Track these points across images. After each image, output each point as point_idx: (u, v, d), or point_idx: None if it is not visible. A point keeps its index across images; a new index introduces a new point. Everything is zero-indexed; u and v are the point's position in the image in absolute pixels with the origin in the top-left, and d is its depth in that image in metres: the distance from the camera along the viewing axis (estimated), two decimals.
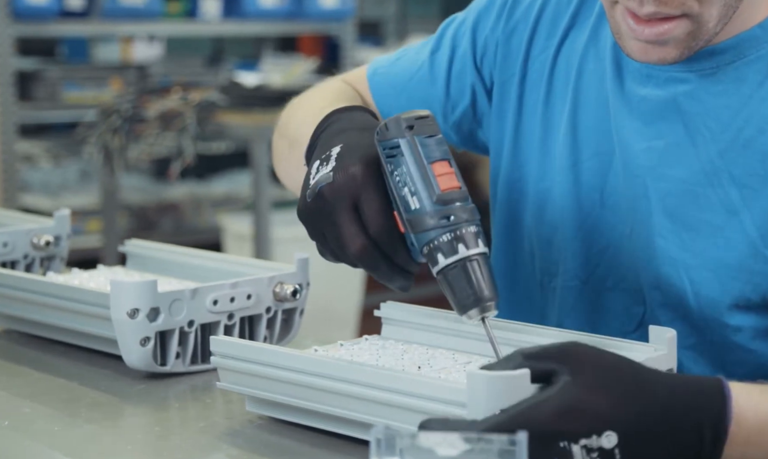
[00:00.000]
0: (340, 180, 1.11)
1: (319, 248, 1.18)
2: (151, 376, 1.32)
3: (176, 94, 4.09)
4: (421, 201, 1.08)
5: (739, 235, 1.23)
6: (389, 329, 1.31)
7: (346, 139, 1.16)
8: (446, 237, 1.07)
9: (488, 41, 1.44)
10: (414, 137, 1.09)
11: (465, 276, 1.07)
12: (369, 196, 1.10)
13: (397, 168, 1.09)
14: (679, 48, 1.19)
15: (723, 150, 1.24)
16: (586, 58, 1.36)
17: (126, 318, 1.28)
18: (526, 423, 0.91)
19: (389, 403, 1.05)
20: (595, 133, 1.33)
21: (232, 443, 1.15)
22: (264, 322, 1.38)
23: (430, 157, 1.09)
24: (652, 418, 0.93)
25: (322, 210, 1.13)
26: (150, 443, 1.16)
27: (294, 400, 1.13)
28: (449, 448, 0.86)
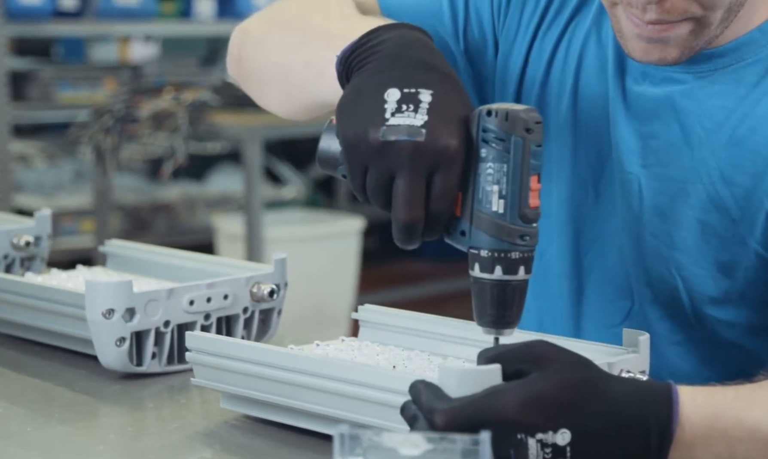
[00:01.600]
0: (432, 145, 1.01)
1: (346, 173, 1.07)
2: (127, 376, 1.32)
3: (168, 94, 4.09)
4: (506, 208, 1.01)
5: (731, 234, 1.23)
6: (366, 332, 1.32)
7: (439, 87, 1.04)
8: (516, 255, 1.02)
9: (501, 4, 1.38)
10: (528, 142, 1.01)
11: (496, 296, 1.03)
12: (451, 173, 1.02)
13: (496, 162, 1.01)
14: (680, 47, 1.19)
15: (715, 148, 1.24)
16: (587, 46, 1.33)
17: (101, 318, 1.28)
18: (488, 410, 0.92)
19: (361, 398, 1.05)
20: (594, 123, 1.32)
21: (205, 443, 1.15)
22: (241, 322, 1.38)
23: (532, 169, 1.01)
24: (604, 420, 0.94)
25: (393, 159, 1.02)
26: (123, 444, 1.16)
27: (268, 395, 1.13)
28: (412, 448, 0.86)
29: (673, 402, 0.96)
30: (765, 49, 1.24)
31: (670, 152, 1.26)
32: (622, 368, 1.07)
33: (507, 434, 0.92)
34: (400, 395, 1.02)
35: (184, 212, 5.21)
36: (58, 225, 4.91)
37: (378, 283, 4.66)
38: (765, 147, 1.21)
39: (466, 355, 1.20)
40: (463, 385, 0.96)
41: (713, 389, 1.00)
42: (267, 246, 4.07)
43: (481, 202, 1.02)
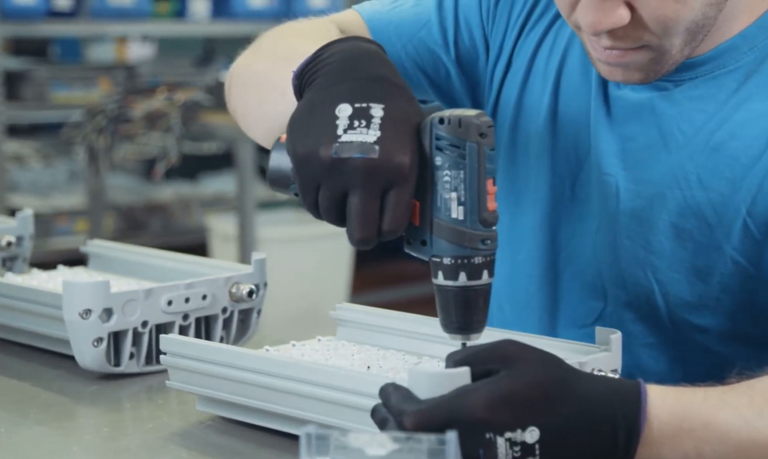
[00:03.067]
0: (386, 163, 1.00)
1: (296, 191, 1.06)
2: (105, 376, 1.32)
3: (162, 94, 4.09)
4: (466, 214, 1.00)
5: (706, 239, 1.23)
6: (343, 331, 1.32)
7: (390, 100, 1.03)
8: (479, 260, 1.01)
9: (491, 3, 1.39)
10: (482, 147, 1.00)
11: (466, 300, 1.02)
12: (405, 189, 1.01)
13: (452, 169, 1.00)
14: (642, 72, 1.20)
15: (693, 153, 1.24)
16: (572, 47, 1.34)
17: (78, 319, 1.28)
18: (456, 410, 0.92)
19: (331, 400, 1.06)
20: (574, 124, 1.32)
21: (179, 444, 1.15)
22: (220, 322, 1.38)
23: (489, 171, 1.01)
24: (572, 418, 0.94)
25: (346, 177, 1.00)
26: (97, 444, 1.16)
27: (242, 398, 1.14)
28: (378, 448, 0.86)
29: (642, 400, 0.97)
30: (746, 56, 1.23)
31: (648, 155, 1.26)
32: (594, 367, 1.07)
33: (475, 434, 0.92)
34: (370, 398, 1.02)
35: (179, 212, 5.21)
36: (53, 225, 4.92)
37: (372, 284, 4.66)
38: (743, 153, 1.21)
39: (442, 354, 1.20)
40: (432, 388, 0.96)
41: (683, 390, 1.00)
42: (260, 246, 4.07)
43: (440, 210, 1.01)
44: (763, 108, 1.21)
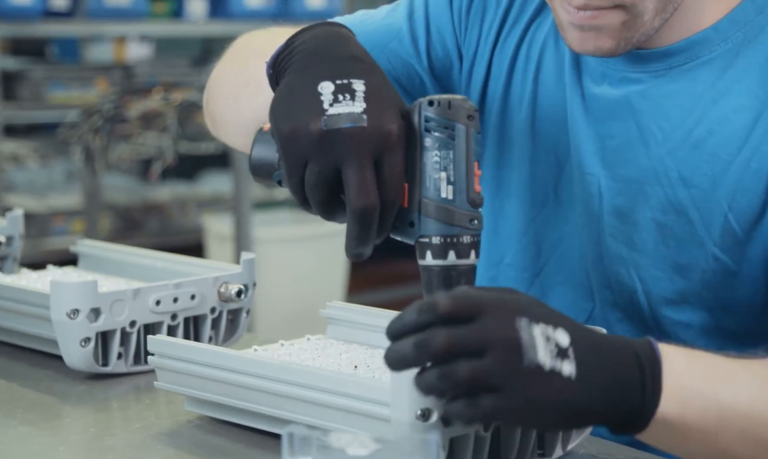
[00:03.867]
0: (375, 130, 1.02)
1: (284, 178, 1.07)
2: (93, 376, 1.32)
3: (158, 94, 4.09)
4: (455, 194, 1.03)
5: (688, 235, 1.23)
6: (333, 329, 1.32)
7: (369, 76, 1.05)
8: (466, 238, 1.04)
9: (462, 12, 1.40)
10: (471, 129, 1.04)
11: (457, 282, 1.05)
12: (396, 157, 1.03)
13: (442, 149, 1.03)
14: (614, 38, 1.20)
15: (673, 149, 1.24)
16: (547, 48, 1.35)
17: (66, 318, 1.28)
18: (492, 296, 0.92)
19: (317, 402, 1.05)
20: (553, 127, 1.32)
21: (167, 443, 1.15)
22: (209, 322, 1.38)
23: (476, 153, 1.05)
24: (596, 342, 0.95)
25: (339, 147, 1.02)
26: (83, 444, 1.16)
27: (229, 399, 1.13)
28: (360, 448, 0.86)
29: (653, 342, 0.98)
30: (719, 48, 1.24)
31: (628, 152, 1.26)
32: None
33: (511, 318, 0.91)
34: (355, 399, 1.02)
35: (176, 212, 5.21)
36: (50, 225, 4.91)
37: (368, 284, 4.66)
38: (723, 149, 1.22)
39: None
40: (414, 392, 0.96)
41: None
42: (257, 246, 4.07)
43: (429, 190, 1.04)
44: (739, 103, 1.22)
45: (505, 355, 0.90)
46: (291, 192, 1.07)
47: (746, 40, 1.24)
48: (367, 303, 1.34)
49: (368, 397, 1.02)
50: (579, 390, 0.93)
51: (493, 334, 0.90)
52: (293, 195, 1.07)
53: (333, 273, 4.39)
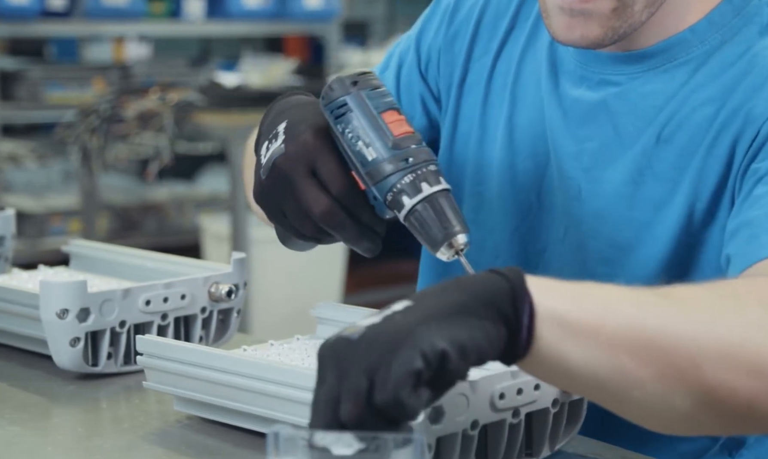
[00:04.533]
0: (293, 148, 1.12)
1: (278, 231, 1.18)
2: (83, 376, 1.32)
3: (155, 94, 4.09)
4: (377, 150, 1.09)
5: (665, 230, 1.24)
6: (323, 329, 1.32)
7: (290, 115, 1.16)
8: (408, 178, 1.08)
9: (431, 49, 1.44)
10: (360, 91, 1.11)
11: (433, 212, 1.08)
12: (324, 158, 1.11)
13: (348, 125, 1.10)
14: (602, 26, 1.20)
15: (646, 147, 1.25)
16: (524, 59, 1.36)
17: (55, 318, 1.28)
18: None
19: (305, 401, 1.04)
20: (531, 134, 1.33)
21: (155, 443, 1.15)
22: (199, 322, 1.38)
23: (379, 107, 1.10)
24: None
25: (279, 183, 1.13)
26: (71, 444, 1.16)
27: (218, 399, 1.13)
28: (344, 447, 0.86)
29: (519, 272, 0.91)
30: (696, 50, 1.25)
31: (606, 154, 1.27)
32: None
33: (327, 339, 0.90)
34: None
35: (174, 212, 5.21)
36: (47, 225, 4.92)
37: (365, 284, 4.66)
38: (690, 141, 1.23)
39: None
40: None
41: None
42: (253, 246, 4.07)
43: (362, 164, 1.10)
44: (707, 95, 1.23)
45: (342, 359, 0.87)
46: (296, 236, 1.17)
47: (723, 41, 1.24)
48: (364, 303, 1.34)
49: None
50: (424, 300, 0.87)
51: (323, 369, 0.87)
52: (299, 237, 1.17)
53: (330, 273, 4.39)
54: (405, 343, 0.85)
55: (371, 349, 0.86)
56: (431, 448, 0.99)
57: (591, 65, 1.29)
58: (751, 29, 1.24)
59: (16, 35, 5.13)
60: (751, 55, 1.22)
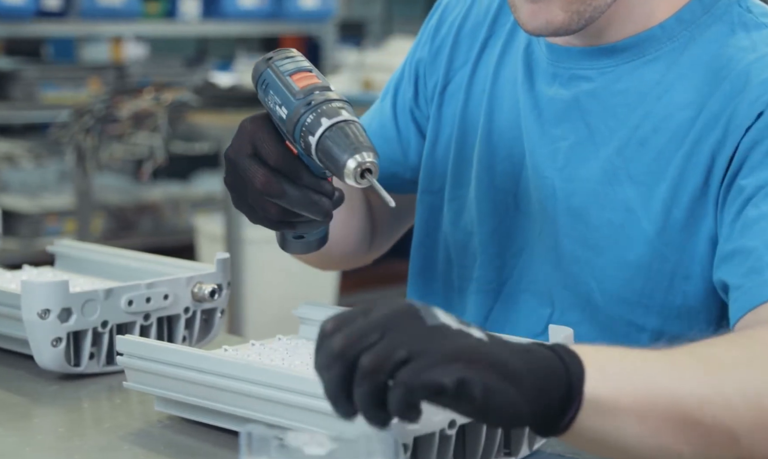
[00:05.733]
0: (236, 137, 1.20)
1: (249, 216, 1.22)
2: (65, 376, 1.32)
3: (149, 94, 4.08)
4: (287, 105, 1.14)
5: (637, 233, 1.24)
6: (306, 329, 1.32)
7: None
8: (310, 117, 1.12)
9: (419, 66, 1.47)
10: (273, 64, 1.18)
11: (333, 142, 1.10)
12: (260, 136, 1.17)
13: (267, 95, 1.17)
14: (565, 10, 1.21)
15: (620, 148, 1.25)
16: (501, 64, 1.38)
17: (37, 318, 1.28)
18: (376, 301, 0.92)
19: (283, 401, 1.05)
20: (507, 137, 1.34)
21: (135, 443, 1.15)
22: (182, 322, 1.38)
23: (288, 71, 1.16)
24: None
25: (230, 172, 1.20)
26: (50, 444, 1.16)
27: (197, 399, 1.13)
28: (317, 447, 0.86)
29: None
30: (665, 46, 1.25)
31: (579, 153, 1.28)
32: None
33: (400, 301, 0.89)
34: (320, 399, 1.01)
35: (169, 213, 5.20)
36: (42, 225, 4.92)
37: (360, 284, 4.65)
38: (666, 146, 1.23)
39: None
40: None
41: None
42: (247, 246, 4.07)
43: (281, 122, 1.15)
44: (682, 100, 1.23)
45: (405, 325, 0.87)
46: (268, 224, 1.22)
47: (692, 39, 1.25)
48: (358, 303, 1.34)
49: None
50: (494, 346, 0.87)
51: (387, 317, 0.87)
52: (270, 225, 1.22)
53: (324, 273, 4.39)
54: (459, 360, 0.85)
55: (434, 339, 0.86)
56: (408, 448, 0.99)
57: (562, 61, 1.29)
58: (720, 27, 1.25)
59: (11, 35, 5.13)
60: (726, 58, 1.22)
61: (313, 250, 1.26)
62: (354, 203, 1.45)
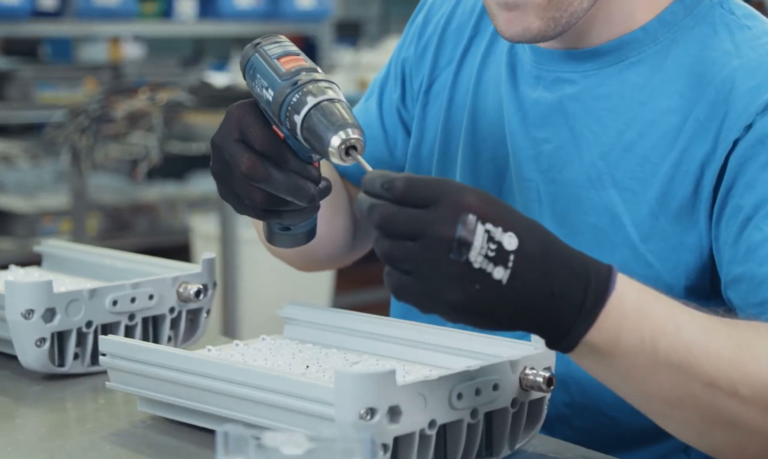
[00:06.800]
0: (222, 124, 1.18)
1: (235, 206, 1.21)
2: (50, 377, 1.32)
3: (144, 94, 4.08)
4: (273, 87, 1.14)
5: (621, 238, 1.23)
6: (291, 329, 1.32)
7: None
8: (295, 97, 1.11)
9: (405, 65, 1.47)
10: (260, 48, 1.17)
11: (318, 120, 1.09)
12: (246, 120, 1.16)
13: (254, 80, 1.16)
14: (541, 18, 1.20)
15: (605, 153, 1.25)
16: (485, 65, 1.37)
17: (20, 319, 1.27)
18: (448, 185, 0.94)
19: (264, 402, 1.05)
20: (491, 138, 1.34)
21: (117, 443, 1.14)
22: (168, 322, 1.38)
23: (275, 55, 1.16)
24: (549, 254, 0.95)
25: (216, 157, 1.18)
26: (32, 444, 1.15)
27: (179, 399, 1.13)
28: (294, 447, 0.85)
29: (614, 270, 0.98)
30: (648, 48, 1.25)
31: (562, 156, 1.27)
32: (527, 365, 1.07)
33: (458, 211, 0.92)
34: (300, 399, 1.02)
35: (165, 213, 5.20)
36: (39, 225, 4.92)
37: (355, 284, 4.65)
38: (652, 152, 1.22)
39: (387, 353, 1.20)
40: (358, 390, 0.96)
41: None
42: (243, 246, 4.06)
43: (267, 105, 1.15)
44: (668, 105, 1.22)
45: (432, 245, 0.92)
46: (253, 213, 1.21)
47: (675, 41, 1.24)
48: (354, 303, 1.35)
49: (313, 397, 1.01)
50: (503, 295, 0.93)
51: (430, 226, 0.92)
52: (257, 215, 1.20)
53: (320, 274, 4.39)
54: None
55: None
56: (388, 448, 0.99)
57: (545, 64, 1.29)
58: (703, 29, 1.24)
59: (7, 35, 5.12)
60: (710, 61, 1.21)
61: (300, 243, 1.25)
62: (339, 201, 1.44)
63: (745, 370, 0.99)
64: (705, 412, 1.00)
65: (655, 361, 0.98)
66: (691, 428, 1.02)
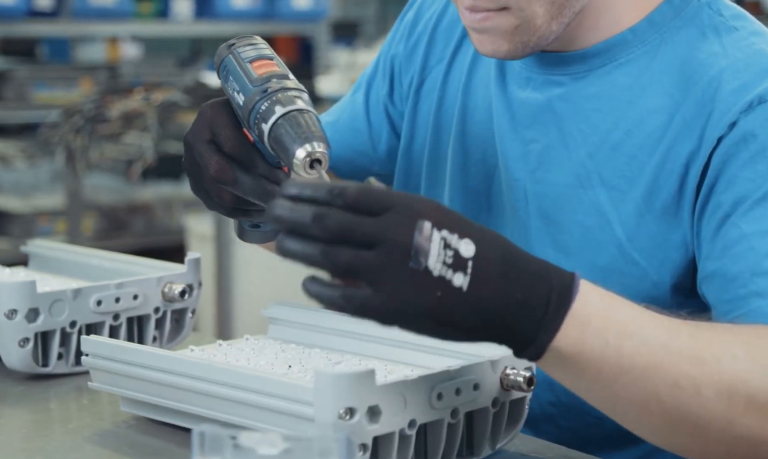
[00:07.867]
0: (195, 122, 1.19)
1: (205, 202, 1.22)
2: (33, 377, 1.32)
3: (139, 94, 4.08)
4: (243, 92, 1.14)
5: (608, 237, 1.23)
6: (275, 329, 1.32)
7: None
8: (264, 105, 1.11)
9: (394, 62, 1.47)
10: (234, 50, 1.18)
11: (285, 130, 1.10)
12: (218, 121, 1.16)
13: (227, 82, 1.17)
14: (509, 41, 1.21)
15: (592, 152, 1.25)
16: (475, 65, 1.37)
17: (4, 319, 1.27)
18: (401, 195, 0.93)
19: (244, 402, 1.05)
20: (481, 138, 1.34)
21: (99, 443, 1.14)
22: (152, 322, 1.38)
23: (249, 58, 1.16)
24: (509, 260, 0.94)
25: (187, 156, 1.19)
26: (13, 445, 1.15)
27: (161, 399, 1.13)
28: (269, 447, 0.85)
29: (576, 277, 0.97)
30: (637, 49, 1.24)
31: (551, 156, 1.27)
32: (507, 365, 1.06)
33: (413, 219, 0.91)
34: (280, 399, 1.01)
35: (161, 213, 5.20)
36: (35, 225, 4.91)
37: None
38: (639, 150, 1.22)
39: (367, 352, 1.20)
40: (336, 390, 0.95)
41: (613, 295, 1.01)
42: (238, 246, 4.06)
43: (237, 108, 1.15)
44: (654, 104, 1.22)
45: (392, 253, 0.90)
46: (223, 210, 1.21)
47: (663, 41, 1.24)
48: None
49: (293, 397, 1.01)
50: (465, 302, 0.92)
51: (387, 232, 0.90)
52: (226, 212, 1.21)
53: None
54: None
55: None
56: (367, 448, 0.99)
57: (535, 67, 1.29)
58: (691, 31, 1.23)
59: (3, 35, 5.12)
60: (697, 62, 1.21)
61: (270, 239, 1.24)
62: None
63: (707, 370, 0.99)
64: (670, 413, 0.99)
65: (619, 363, 0.97)
66: (658, 430, 1.02)
